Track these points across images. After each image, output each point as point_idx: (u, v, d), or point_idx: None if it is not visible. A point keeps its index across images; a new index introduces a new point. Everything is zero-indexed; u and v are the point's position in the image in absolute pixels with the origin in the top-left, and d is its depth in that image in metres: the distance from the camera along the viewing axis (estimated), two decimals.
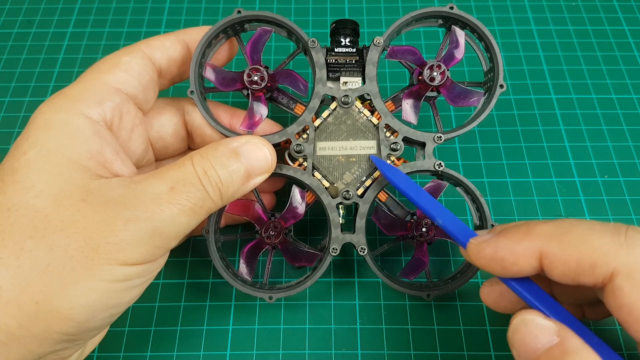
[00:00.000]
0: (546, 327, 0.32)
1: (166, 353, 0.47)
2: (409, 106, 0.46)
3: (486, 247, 0.35)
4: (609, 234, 0.32)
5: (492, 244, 0.34)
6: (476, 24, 0.46)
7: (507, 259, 0.34)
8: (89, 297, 0.33)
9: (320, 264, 0.46)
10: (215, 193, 0.38)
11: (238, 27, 0.47)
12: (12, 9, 0.69)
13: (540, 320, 0.32)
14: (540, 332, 0.32)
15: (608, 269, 0.31)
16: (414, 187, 0.41)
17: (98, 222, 0.34)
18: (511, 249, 0.34)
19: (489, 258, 0.34)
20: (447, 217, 0.39)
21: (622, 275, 0.31)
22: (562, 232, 0.33)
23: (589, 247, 0.32)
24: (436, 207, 0.40)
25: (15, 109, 0.61)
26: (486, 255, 0.35)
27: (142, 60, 0.42)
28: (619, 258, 0.31)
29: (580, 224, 0.33)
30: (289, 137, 0.45)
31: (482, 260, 0.35)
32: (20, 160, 0.35)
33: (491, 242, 0.35)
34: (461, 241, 0.37)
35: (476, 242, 0.36)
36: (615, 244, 0.31)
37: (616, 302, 0.31)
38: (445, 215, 0.39)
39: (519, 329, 0.33)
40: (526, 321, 0.33)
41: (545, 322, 0.32)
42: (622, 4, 0.68)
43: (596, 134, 0.59)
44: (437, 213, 0.39)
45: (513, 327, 0.33)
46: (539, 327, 0.32)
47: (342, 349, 0.47)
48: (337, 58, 0.46)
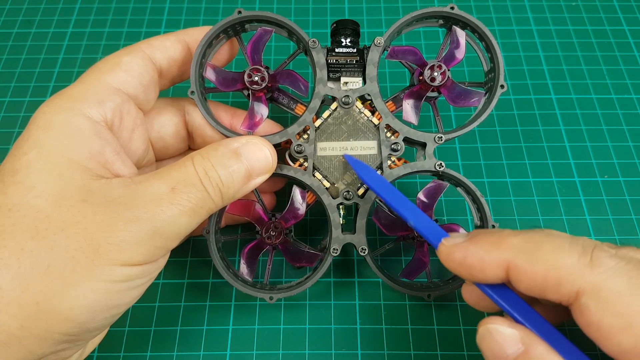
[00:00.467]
0: (510, 336, 0.32)
1: (166, 353, 0.47)
2: (409, 106, 0.46)
3: (456, 252, 0.35)
4: (577, 253, 0.32)
5: (462, 250, 0.35)
6: (477, 24, 0.46)
7: (474, 267, 0.34)
8: (90, 297, 0.33)
9: (321, 264, 0.46)
10: (216, 193, 0.38)
11: (239, 28, 0.47)
12: (12, 9, 0.69)
13: (503, 329, 0.33)
14: (505, 341, 0.32)
15: (573, 288, 0.31)
16: (386, 186, 0.41)
17: (99, 222, 0.34)
18: (479, 257, 0.34)
19: (458, 263, 0.35)
20: (419, 217, 0.39)
21: (587, 294, 0.31)
22: (531, 247, 0.33)
23: (556, 265, 0.32)
24: (408, 208, 0.40)
25: (15, 109, 0.61)
26: (455, 260, 0.35)
27: (143, 61, 0.42)
28: (584, 277, 0.31)
29: (550, 240, 0.33)
30: (289, 138, 0.45)
31: (451, 264, 0.35)
32: (21, 161, 0.35)
33: (461, 247, 0.35)
34: (433, 242, 0.38)
35: (448, 244, 0.36)
36: (582, 263, 0.31)
37: (584, 320, 0.31)
38: (417, 215, 0.39)
39: (484, 337, 0.33)
40: (490, 330, 0.33)
41: (508, 331, 0.33)
42: (622, 4, 0.68)
43: (596, 134, 0.59)
44: (408, 214, 0.39)
45: (479, 335, 0.34)
46: (503, 336, 0.33)
47: (342, 349, 0.47)
48: (337, 58, 0.46)
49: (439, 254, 0.36)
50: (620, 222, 0.53)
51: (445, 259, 0.36)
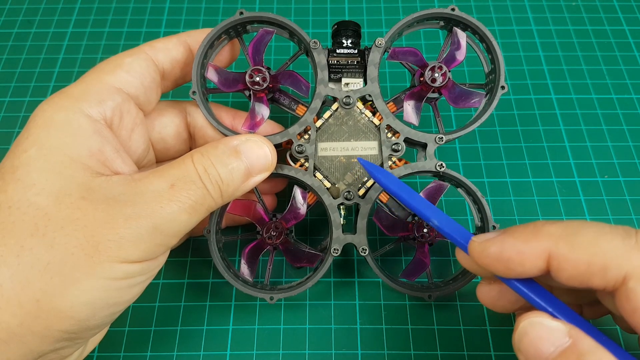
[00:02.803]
0: (557, 329, 0.31)
1: (166, 353, 0.47)
2: (410, 107, 0.46)
3: (491, 246, 0.33)
4: (620, 236, 0.31)
5: (498, 243, 0.33)
6: (477, 26, 0.46)
7: (513, 259, 0.33)
8: (90, 295, 0.33)
9: (322, 265, 0.46)
10: (215, 191, 0.38)
11: (240, 29, 0.47)
12: (12, 9, 0.69)
13: (549, 322, 0.31)
14: (551, 335, 0.31)
15: (620, 272, 0.30)
16: (405, 189, 0.40)
17: (99, 219, 0.34)
18: (518, 249, 0.33)
19: (494, 258, 0.33)
20: (442, 217, 0.38)
21: (635, 278, 0.30)
22: (571, 234, 0.32)
23: (600, 250, 0.31)
24: (430, 208, 0.39)
25: (15, 109, 0.61)
26: (490, 255, 0.33)
27: (145, 62, 0.42)
28: (631, 261, 0.30)
29: (590, 226, 0.32)
30: (290, 138, 0.45)
31: (486, 259, 0.34)
32: (21, 159, 0.35)
33: (497, 241, 0.33)
34: (459, 242, 0.36)
35: (480, 240, 0.34)
36: (627, 246, 0.31)
37: (630, 305, 0.30)
38: (441, 216, 0.38)
39: (527, 332, 0.31)
40: (534, 324, 0.31)
41: (555, 324, 0.31)
42: (622, 4, 0.68)
43: (596, 134, 0.59)
44: (431, 213, 0.38)
45: (520, 330, 0.32)
46: (549, 330, 0.31)
47: (342, 349, 0.47)
48: (338, 59, 0.46)
49: (471, 252, 0.35)
50: (620, 222, 0.53)
51: (479, 255, 0.34)
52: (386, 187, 0.41)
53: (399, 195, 0.40)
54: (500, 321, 0.48)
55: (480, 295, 0.40)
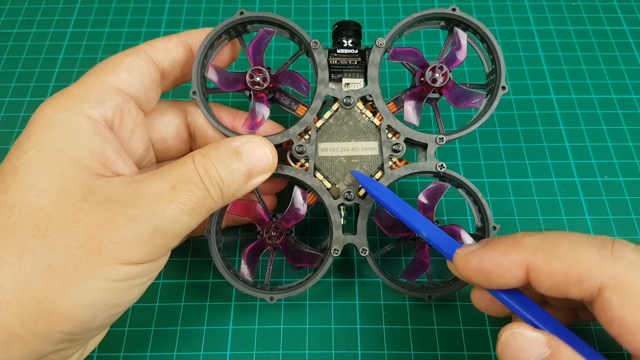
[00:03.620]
0: (536, 340, 0.32)
1: (166, 353, 0.47)
2: (410, 107, 0.46)
3: (472, 259, 0.35)
4: (596, 247, 0.32)
5: (479, 256, 0.34)
6: (478, 26, 0.46)
7: (493, 271, 0.34)
8: (91, 296, 0.33)
9: (322, 265, 0.46)
10: (216, 192, 0.38)
11: (240, 28, 0.47)
12: (12, 9, 0.69)
13: (529, 333, 0.32)
14: (531, 345, 0.32)
15: (595, 283, 0.31)
16: (396, 200, 0.41)
17: (100, 221, 0.34)
18: (497, 261, 0.34)
19: (475, 270, 0.34)
20: (432, 229, 0.39)
21: (610, 289, 0.30)
22: (548, 246, 0.33)
23: (576, 261, 0.31)
24: (420, 220, 0.40)
25: (15, 109, 0.61)
26: (472, 267, 0.35)
27: (145, 62, 0.42)
28: (606, 272, 0.31)
29: (567, 237, 0.33)
30: (290, 138, 0.45)
31: (469, 272, 0.35)
32: (22, 160, 0.35)
33: (477, 254, 0.35)
34: (447, 253, 0.37)
35: (462, 253, 0.36)
36: (602, 257, 0.31)
37: (606, 315, 0.31)
38: (430, 227, 0.39)
39: (508, 343, 0.33)
40: (515, 335, 0.33)
41: (534, 335, 0.32)
42: (622, 4, 0.68)
43: (596, 134, 0.59)
44: (421, 226, 0.39)
45: (502, 341, 0.33)
46: (529, 340, 0.32)
47: (342, 349, 0.47)
48: (339, 59, 0.46)
49: (455, 264, 0.36)
50: (620, 222, 0.53)
51: (462, 267, 0.35)
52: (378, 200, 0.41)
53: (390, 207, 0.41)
54: (500, 321, 0.48)
55: (474, 300, 0.41)
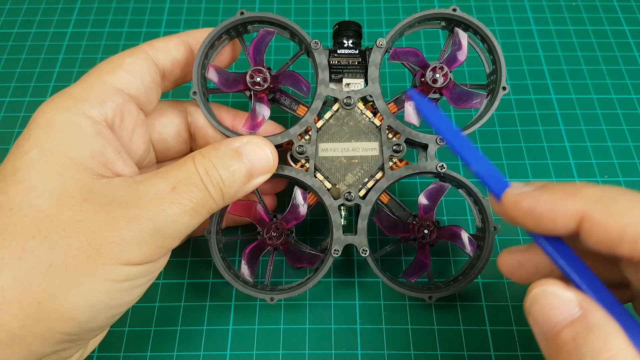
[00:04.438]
0: (567, 299, 0.30)
1: (166, 353, 0.47)
2: (411, 108, 0.46)
3: (524, 200, 0.33)
4: None
5: (533, 198, 0.33)
6: (479, 26, 0.46)
7: (545, 216, 0.32)
8: (91, 297, 0.33)
9: (322, 265, 0.46)
10: (216, 193, 0.38)
11: (241, 29, 0.47)
12: (12, 9, 0.69)
13: (561, 292, 0.31)
14: (561, 304, 0.30)
15: None
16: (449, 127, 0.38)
17: (100, 222, 0.34)
18: (552, 206, 0.32)
19: (526, 212, 0.33)
20: (482, 163, 0.36)
21: None
22: (609, 199, 0.31)
23: (635, 219, 0.30)
24: (471, 152, 0.37)
25: (15, 109, 0.61)
26: (523, 208, 0.33)
27: (145, 62, 0.42)
28: None
29: (630, 194, 0.31)
30: (291, 138, 0.45)
31: (518, 212, 0.33)
32: (22, 160, 0.35)
33: (531, 196, 0.33)
34: (495, 191, 0.35)
35: (515, 192, 0.34)
36: None
37: None
38: (480, 161, 0.36)
39: (538, 299, 0.31)
40: (546, 292, 0.31)
41: (566, 294, 0.31)
42: (622, 4, 0.68)
43: (596, 134, 0.59)
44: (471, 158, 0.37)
45: (531, 297, 0.31)
46: (560, 299, 0.30)
47: (342, 349, 0.47)
48: (339, 60, 0.46)
49: (504, 202, 0.34)
50: None
51: (511, 207, 0.34)
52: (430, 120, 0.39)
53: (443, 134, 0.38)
54: (500, 321, 0.48)
55: (501, 263, 0.39)
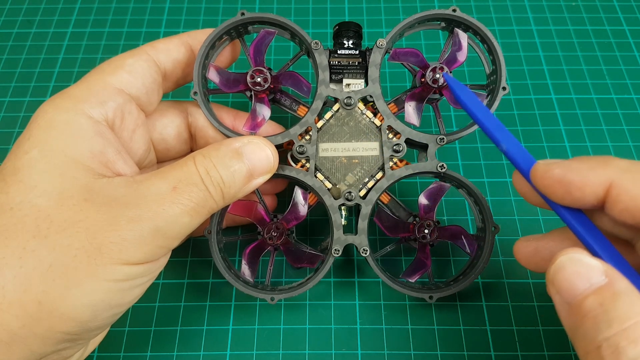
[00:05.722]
0: (594, 266, 0.30)
1: (166, 353, 0.47)
2: (411, 108, 0.46)
3: (556, 168, 0.33)
4: None
5: (564, 167, 0.33)
6: (479, 27, 0.46)
7: (574, 183, 0.33)
8: (92, 296, 0.33)
9: (322, 265, 0.46)
10: (217, 193, 0.38)
11: (241, 29, 0.47)
12: (12, 9, 0.69)
13: (588, 259, 0.31)
14: (588, 271, 0.30)
15: None
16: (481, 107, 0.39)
17: (101, 221, 0.34)
18: (583, 174, 0.32)
19: (556, 179, 0.33)
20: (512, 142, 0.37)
21: None
22: (638, 169, 0.32)
23: None
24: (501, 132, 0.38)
25: (15, 109, 0.61)
26: (554, 176, 0.33)
27: (147, 63, 0.42)
28: None
29: None
30: (291, 139, 0.45)
31: (548, 180, 0.34)
32: (23, 160, 0.35)
33: (563, 165, 0.33)
34: (522, 168, 0.36)
35: (545, 162, 0.34)
36: None
37: None
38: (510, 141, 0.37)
39: (564, 266, 0.31)
40: (573, 259, 0.31)
41: (593, 262, 0.31)
42: (622, 4, 0.68)
43: (596, 134, 0.59)
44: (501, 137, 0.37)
45: (558, 264, 0.31)
46: (587, 266, 0.30)
47: (342, 349, 0.47)
48: (340, 60, 0.46)
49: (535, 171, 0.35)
50: None
51: (542, 176, 0.34)
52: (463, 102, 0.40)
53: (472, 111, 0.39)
54: (500, 321, 0.48)
55: (517, 250, 0.39)
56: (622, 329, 0.28)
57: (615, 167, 0.32)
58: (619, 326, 0.28)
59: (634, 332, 0.27)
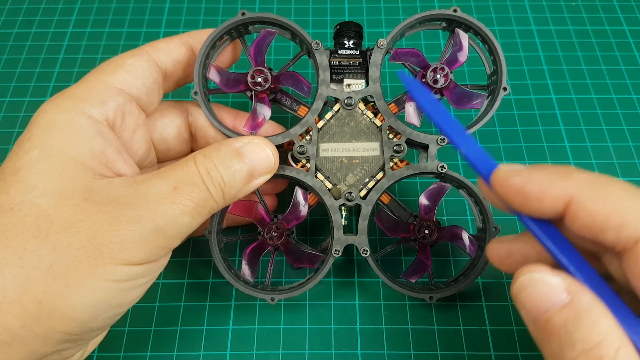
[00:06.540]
0: (555, 285, 0.30)
1: (166, 353, 0.47)
2: (412, 108, 0.47)
3: (515, 177, 0.33)
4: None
5: (523, 176, 0.33)
6: (480, 27, 0.46)
7: (533, 195, 0.32)
8: (92, 297, 0.33)
9: (323, 266, 0.46)
10: (217, 193, 0.38)
11: (242, 29, 0.47)
12: (12, 9, 0.69)
13: (548, 278, 0.30)
14: (550, 291, 0.30)
15: (635, 233, 0.30)
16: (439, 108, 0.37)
17: (101, 221, 0.34)
18: (542, 186, 0.32)
19: (515, 189, 0.33)
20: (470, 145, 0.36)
21: None
22: (599, 185, 0.31)
23: (622, 207, 0.30)
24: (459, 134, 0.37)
25: (15, 109, 0.61)
26: (512, 185, 0.33)
27: (147, 63, 0.42)
28: None
29: (619, 183, 0.31)
30: (291, 139, 0.45)
31: (507, 189, 0.33)
32: (23, 160, 0.35)
33: (522, 173, 0.33)
34: (483, 172, 0.35)
35: (505, 169, 0.34)
36: None
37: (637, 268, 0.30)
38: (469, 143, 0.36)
39: (525, 286, 0.31)
40: (534, 279, 0.31)
41: (553, 280, 0.30)
42: (622, 4, 0.68)
43: (596, 134, 0.59)
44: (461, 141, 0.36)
45: (518, 284, 0.31)
46: (548, 285, 0.30)
47: (342, 349, 0.47)
48: (340, 60, 0.46)
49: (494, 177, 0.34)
50: None
51: (501, 183, 0.33)
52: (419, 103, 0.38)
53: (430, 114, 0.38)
54: (500, 321, 0.48)
55: (490, 252, 0.39)
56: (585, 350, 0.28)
57: (576, 181, 0.32)
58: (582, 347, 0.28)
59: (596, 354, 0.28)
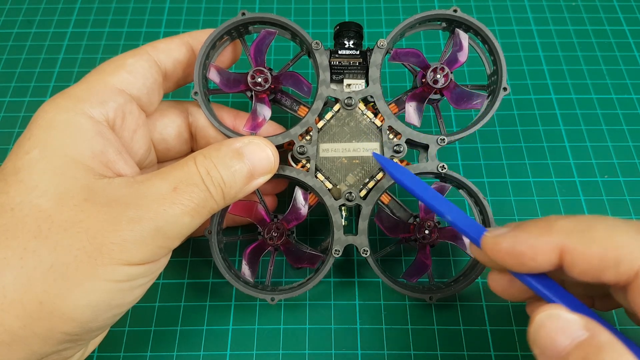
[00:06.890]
0: (573, 322, 0.30)
1: (166, 353, 0.47)
2: (412, 108, 0.47)
3: (503, 241, 0.33)
4: (633, 231, 0.31)
5: (510, 238, 0.33)
6: (480, 27, 0.46)
7: (525, 254, 0.32)
8: (93, 297, 0.33)
9: (323, 266, 0.46)
10: (217, 193, 0.38)
11: (242, 29, 0.47)
12: (12, 9, 0.69)
13: (566, 315, 0.31)
14: (568, 327, 0.30)
15: (633, 267, 0.30)
16: (419, 183, 0.40)
17: (101, 222, 0.34)
18: (531, 243, 0.32)
19: (506, 252, 0.33)
20: (457, 213, 0.37)
21: None
22: (584, 228, 0.31)
23: (614, 244, 0.30)
24: (444, 204, 0.38)
25: (15, 109, 0.61)
26: (502, 249, 0.33)
27: (147, 63, 0.42)
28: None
29: (602, 221, 0.32)
30: (292, 139, 0.45)
31: (498, 254, 0.33)
32: (23, 160, 0.35)
33: (509, 236, 0.33)
34: (472, 237, 0.36)
35: (492, 235, 0.34)
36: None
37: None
38: (455, 211, 0.38)
39: (544, 324, 0.31)
40: (552, 316, 0.31)
41: (571, 317, 0.30)
42: (622, 4, 0.69)
43: (596, 134, 0.59)
44: (445, 209, 0.38)
45: (537, 322, 0.31)
46: (566, 322, 0.30)
47: (342, 349, 0.47)
48: (340, 60, 0.46)
49: (484, 246, 0.34)
50: None
51: (492, 250, 0.34)
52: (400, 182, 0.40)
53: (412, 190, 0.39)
54: (500, 321, 0.48)
55: (492, 283, 0.39)
56: None
57: (561, 230, 0.32)
58: None
59: None
